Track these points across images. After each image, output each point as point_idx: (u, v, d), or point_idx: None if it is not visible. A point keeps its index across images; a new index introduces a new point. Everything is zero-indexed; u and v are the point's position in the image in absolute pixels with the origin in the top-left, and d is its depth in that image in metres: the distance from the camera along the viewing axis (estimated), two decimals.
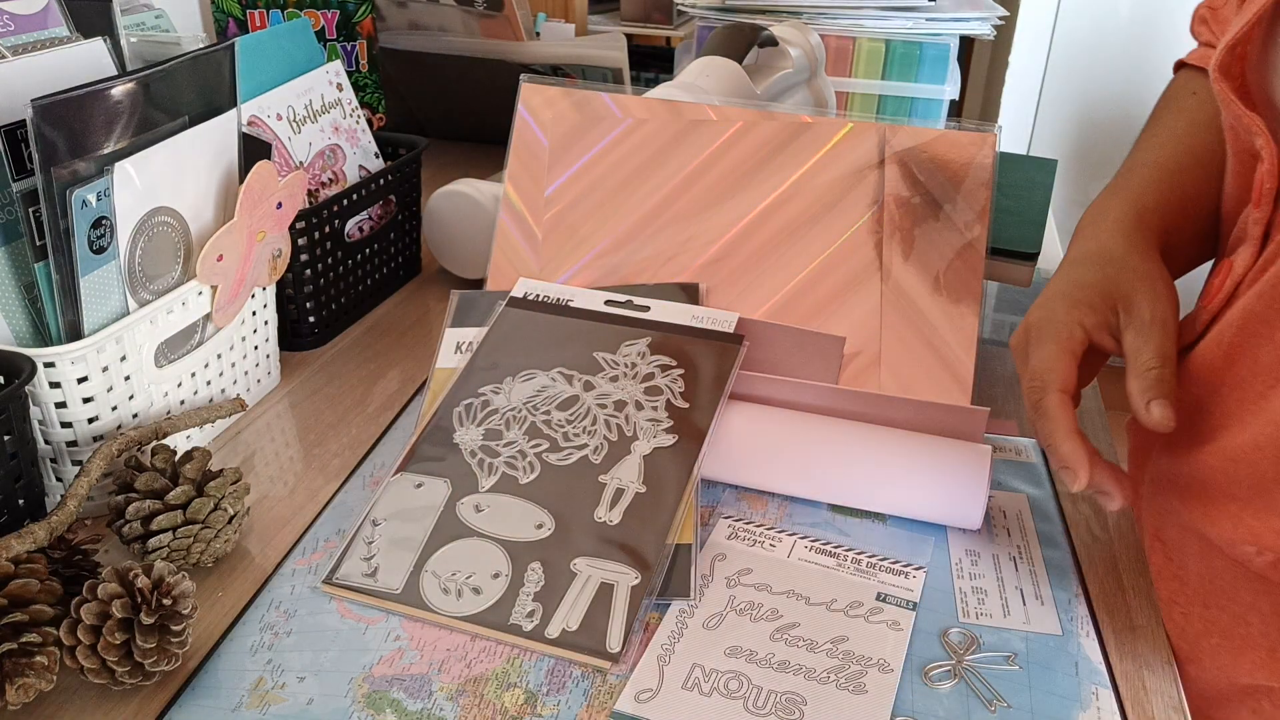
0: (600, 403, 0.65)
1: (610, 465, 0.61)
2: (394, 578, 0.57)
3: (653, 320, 0.70)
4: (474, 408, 0.66)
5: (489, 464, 0.62)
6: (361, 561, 0.58)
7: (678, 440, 0.62)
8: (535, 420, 0.64)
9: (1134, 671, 0.55)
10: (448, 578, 0.56)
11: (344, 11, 1.06)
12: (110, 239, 0.60)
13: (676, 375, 0.66)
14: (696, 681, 0.52)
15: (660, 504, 0.59)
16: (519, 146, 0.78)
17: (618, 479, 0.60)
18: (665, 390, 0.65)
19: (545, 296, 0.73)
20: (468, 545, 0.58)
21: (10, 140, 0.57)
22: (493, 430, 0.64)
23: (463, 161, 1.12)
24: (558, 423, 0.64)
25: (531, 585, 0.55)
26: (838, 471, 0.63)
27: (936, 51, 1.27)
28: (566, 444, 0.62)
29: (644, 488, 0.59)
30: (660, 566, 0.56)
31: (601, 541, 0.57)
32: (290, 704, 0.51)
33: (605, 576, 0.55)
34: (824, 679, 0.52)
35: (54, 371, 0.59)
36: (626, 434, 0.63)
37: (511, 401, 0.66)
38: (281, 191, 0.69)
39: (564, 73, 1.21)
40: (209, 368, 0.71)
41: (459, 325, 0.73)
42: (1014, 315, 0.94)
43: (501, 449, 0.63)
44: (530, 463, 0.61)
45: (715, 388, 0.65)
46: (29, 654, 0.49)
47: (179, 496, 0.58)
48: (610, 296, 0.72)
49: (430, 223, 0.94)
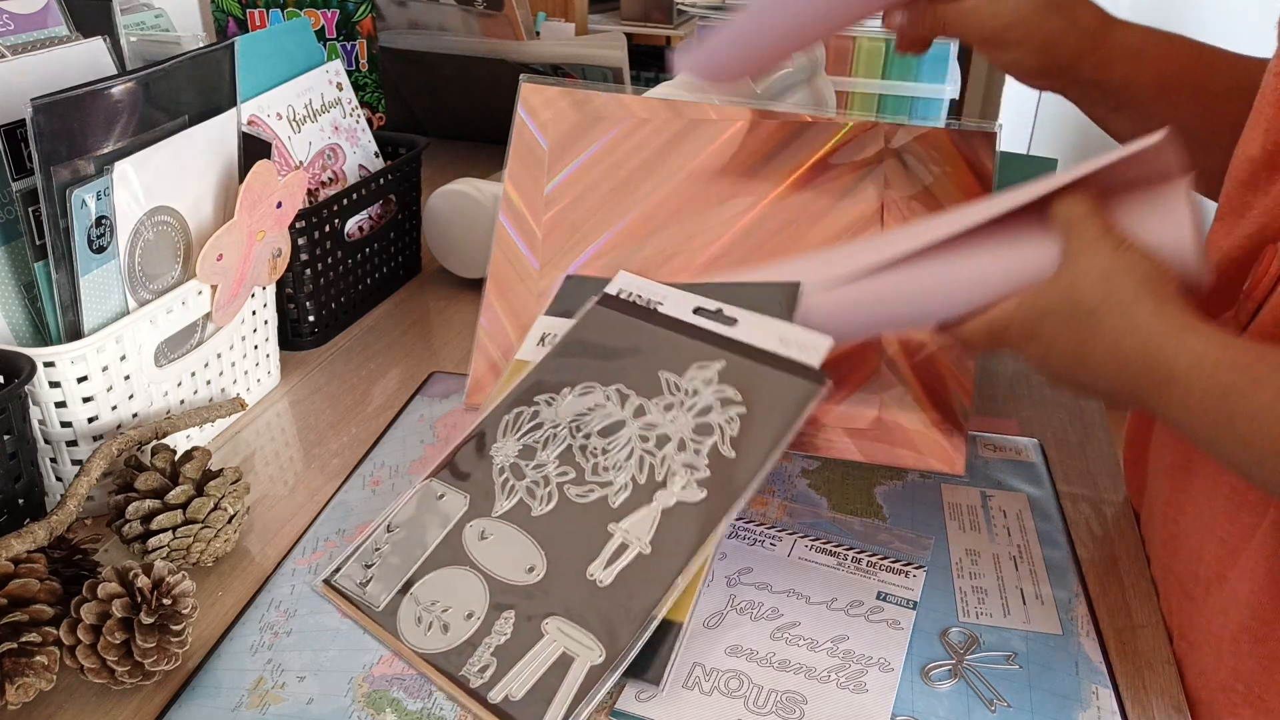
0: (643, 434, 0.61)
1: (626, 513, 0.57)
2: (381, 593, 0.56)
3: (735, 339, 0.64)
4: (522, 417, 0.64)
5: (511, 485, 0.60)
6: (363, 569, 0.57)
7: (706, 497, 0.57)
8: (574, 444, 0.61)
9: (1134, 671, 0.55)
10: (426, 606, 0.55)
11: (344, 11, 1.06)
12: (110, 239, 0.60)
13: (735, 415, 0.60)
14: (697, 680, 0.52)
15: (660, 572, 0.54)
16: (518, 146, 0.77)
17: (625, 532, 0.56)
18: (716, 431, 0.60)
19: (638, 296, 0.69)
20: (457, 575, 0.56)
21: (10, 140, 0.57)
22: (529, 447, 0.62)
23: (463, 161, 1.12)
24: (593, 450, 0.61)
25: (495, 638, 0.53)
26: None
27: (937, 51, 1.26)
28: (592, 478, 0.59)
29: (649, 549, 0.55)
30: (630, 647, 0.51)
31: (583, 603, 0.54)
32: (290, 704, 0.51)
33: (569, 646, 0.52)
34: (824, 678, 0.52)
35: (54, 371, 0.59)
36: (656, 478, 0.58)
37: (559, 416, 0.63)
38: (281, 191, 0.69)
39: (564, 72, 1.21)
40: (209, 367, 0.71)
41: (553, 313, 0.70)
42: None
43: (529, 471, 0.61)
44: (549, 492, 0.59)
45: (771, 441, 0.58)
46: (29, 654, 0.49)
47: (179, 496, 0.58)
48: (701, 303, 0.67)
49: (430, 222, 0.94)
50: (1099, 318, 0.51)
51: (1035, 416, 0.77)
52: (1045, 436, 0.74)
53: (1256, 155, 0.56)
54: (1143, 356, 0.49)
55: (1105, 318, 0.51)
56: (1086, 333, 0.51)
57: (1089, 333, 0.51)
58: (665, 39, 1.62)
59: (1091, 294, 0.52)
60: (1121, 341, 0.50)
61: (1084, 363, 0.52)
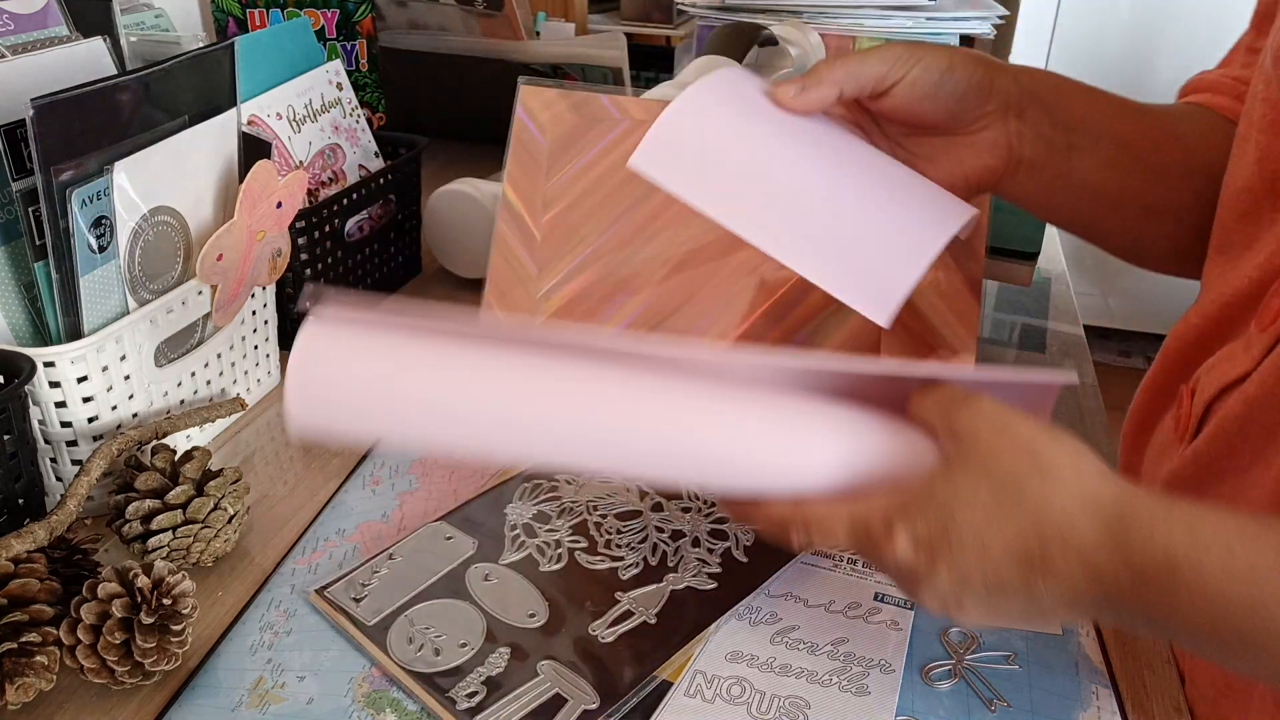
0: (659, 527, 0.62)
1: (634, 586, 0.57)
2: (374, 610, 0.56)
3: None
4: (541, 488, 0.65)
5: (521, 540, 0.60)
6: (358, 586, 0.57)
7: (716, 588, 0.57)
8: (589, 519, 0.62)
9: (1134, 671, 0.55)
10: (420, 629, 0.54)
11: (344, 11, 1.06)
12: (110, 238, 0.60)
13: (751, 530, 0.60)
14: (699, 688, 0.52)
15: (664, 641, 0.54)
16: (517, 148, 0.77)
17: (632, 600, 0.56)
18: (731, 539, 0.61)
19: None
20: (455, 606, 0.56)
21: (10, 140, 0.57)
22: (544, 513, 0.62)
23: (463, 161, 1.12)
24: (608, 528, 0.61)
25: (488, 669, 0.52)
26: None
27: None
28: (604, 550, 0.60)
29: (655, 620, 0.55)
30: (626, 701, 0.51)
31: (582, 654, 0.53)
32: (290, 703, 0.51)
33: (563, 688, 0.51)
34: (826, 681, 0.52)
35: (54, 371, 0.59)
36: (668, 564, 0.59)
37: (578, 496, 0.64)
38: (281, 191, 0.69)
39: (564, 72, 1.21)
40: (209, 367, 0.71)
41: None
42: (1014, 315, 0.94)
43: (541, 532, 0.61)
44: (560, 554, 0.59)
45: (785, 555, 0.59)
46: (29, 654, 0.49)
47: (179, 496, 0.58)
48: None
49: (430, 222, 0.94)
50: (1047, 501, 0.41)
51: None
52: None
53: (1254, 186, 0.56)
54: (1122, 544, 0.40)
55: (1055, 497, 0.41)
56: (1038, 520, 0.40)
57: (1041, 519, 0.40)
58: (665, 39, 1.62)
59: (1030, 475, 0.41)
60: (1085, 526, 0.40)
61: (1033, 565, 0.40)
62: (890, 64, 0.58)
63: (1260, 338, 0.53)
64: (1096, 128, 0.61)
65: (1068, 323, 0.92)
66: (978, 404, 0.44)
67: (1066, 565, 0.40)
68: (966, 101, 0.59)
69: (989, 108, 0.59)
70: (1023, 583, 0.41)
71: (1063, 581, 0.40)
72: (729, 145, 0.56)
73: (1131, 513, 0.40)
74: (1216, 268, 0.60)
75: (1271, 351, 0.52)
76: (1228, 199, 0.59)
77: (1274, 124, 0.54)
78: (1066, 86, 0.62)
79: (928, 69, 0.58)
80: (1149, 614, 0.40)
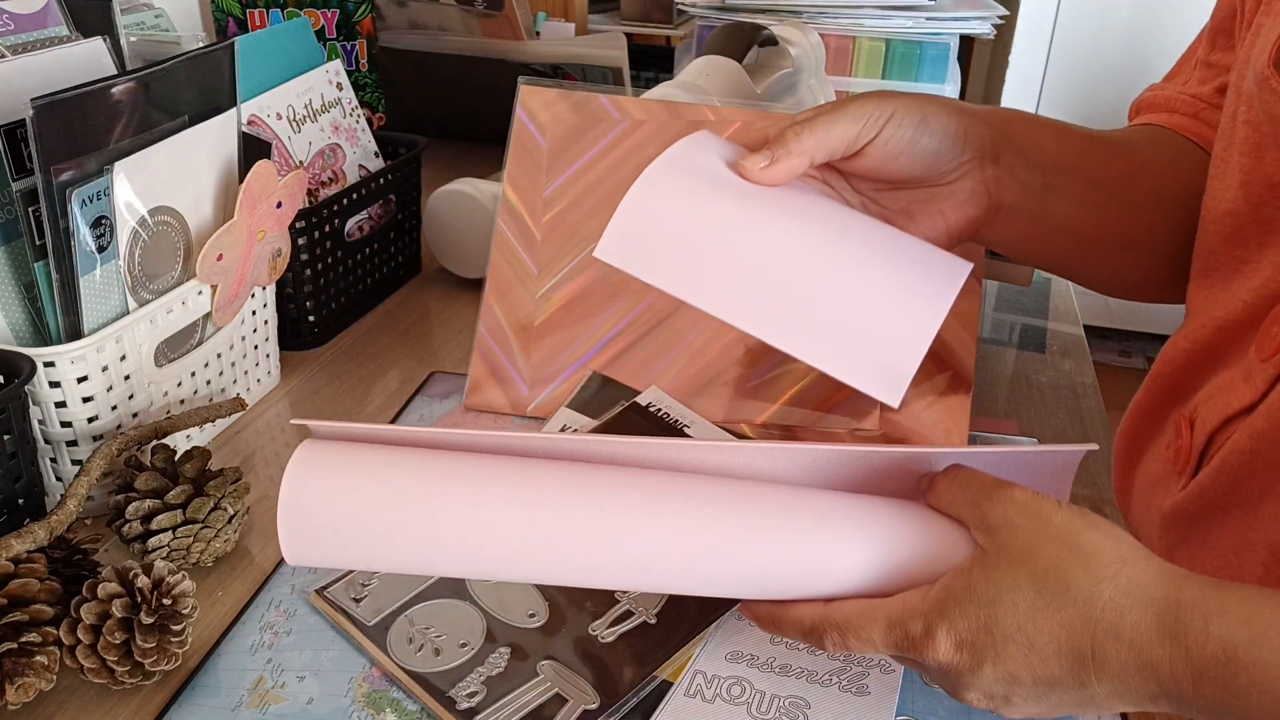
0: None
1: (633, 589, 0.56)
2: (374, 611, 0.56)
3: None
4: None
5: None
6: (358, 586, 0.57)
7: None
8: None
9: None
10: (420, 629, 0.54)
11: (344, 11, 1.06)
12: (110, 238, 0.60)
13: None
14: (699, 689, 0.52)
15: (664, 641, 0.54)
16: (517, 148, 0.77)
17: (632, 600, 0.56)
18: None
19: (666, 413, 0.65)
20: (455, 606, 0.56)
21: (10, 140, 0.57)
22: None
23: (463, 161, 1.12)
24: None
25: (488, 669, 0.52)
26: None
27: (937, 51, 1.27)
28: None
29: (655, 620, 0.55)
30: (625, 701, 0.51)
31: (581, 654, 0.53)
32: (290, 703, 0.51)
33: (563, 688, 0.51)
34: (826, 681, 0.52)
35: (54, 371, 0.59)
36: None
37: None
38: (281, 191, 0.69)
39: (564, 72, 1.21)
40: (209, 367, 0.71)
41: (574, 407, 0.69)
42: (1014, 315, 0.94)
43: None
44: None
45: None
46: (29, 654, 0.49)
47: (179, 496, 0.58)
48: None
49: (430, 222, 0.94)
50: (1094, 593, 0.39)
51: (1035, 416, 0.77)
52: (1045, 436, 0.74)
53: (1239, 210, 0.54)
54: (1177, 638, 0.38)
55: (1103, 596, 0.39)
56: (1086, 615, 0.39)
57: (1090, 612, 0.39)
58: (665, 39, 1.62)
59: (1073, 567, 0.40)
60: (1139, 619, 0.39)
61: (1084, 661, 0.40)
62: (861, 123, 0.56)
63: (1263, 368, 0.52)
64: (1070, 167, 0.61)
65: (1068, 323, 0.92)
66: (1009, 493, 0.42)
67: (1120, 660, 0.39)
68: (942, 154, 0.58)
69: (965, 156, 0.59)
70: (1074, 679, 0.40)
71: (1116, 676, 0.39)
72: (697, 226, 0.54)
73: (1182, 603, 0.39)
74: (1202, 291, 0.58)
75: (1278, 383, 0.51)
76: (1210, 223, 0.57)
77: (1257, 146, 0.53)
78: (1038, 127, 0.62)
79: (901, 125, 0.57)
80: (1209, 707, 0.39)
